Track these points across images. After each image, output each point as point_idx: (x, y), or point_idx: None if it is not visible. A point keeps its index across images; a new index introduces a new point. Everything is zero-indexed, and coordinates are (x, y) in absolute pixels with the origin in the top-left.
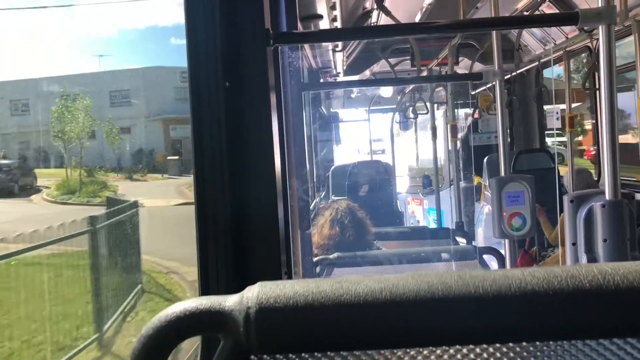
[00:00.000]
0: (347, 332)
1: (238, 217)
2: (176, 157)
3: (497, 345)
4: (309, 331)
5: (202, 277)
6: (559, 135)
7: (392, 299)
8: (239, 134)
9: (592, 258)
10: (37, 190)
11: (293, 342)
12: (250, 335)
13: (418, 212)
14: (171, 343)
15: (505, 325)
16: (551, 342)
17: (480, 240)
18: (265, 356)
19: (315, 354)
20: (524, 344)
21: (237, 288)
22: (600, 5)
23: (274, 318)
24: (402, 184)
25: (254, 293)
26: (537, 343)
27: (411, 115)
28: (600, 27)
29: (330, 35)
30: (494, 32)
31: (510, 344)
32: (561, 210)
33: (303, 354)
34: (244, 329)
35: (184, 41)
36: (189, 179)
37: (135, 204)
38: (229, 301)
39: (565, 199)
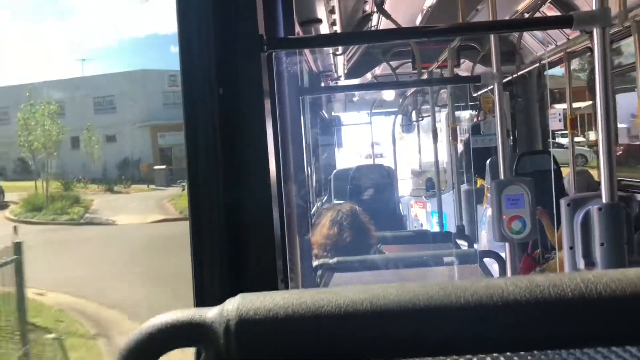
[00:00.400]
0: (327, 344)
1: (233, 224)
2: (163, 167)
3: (481, 355)
4: (289, 343)
5: (197, 286)
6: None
7: (372, 309)
8: (233, 140)
9: (589, 262)
10: (4, 206)
11: (273, 354)
12: (230, 348)
13: (421, 215)
14: (153, 356)
15: (488, 336)
16: (535, 352)
17: (484, 243)
18: None
19: None
20: (508, 354)
21: (232, 296)
22: (595, 7)
23: (254, 330)
24: (405, 187)
25: (234, 305)
26: (522, 353)
27: (414, 118)
28: (594, 30)
29: (326, 40)
30: (492, 35)
31: (494, 354)
32: (557, 214)
33: None
34: (224, 342)
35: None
36: (175, 190)
37: (18, 248)
38: (209, 313)
39: (562, 202)
